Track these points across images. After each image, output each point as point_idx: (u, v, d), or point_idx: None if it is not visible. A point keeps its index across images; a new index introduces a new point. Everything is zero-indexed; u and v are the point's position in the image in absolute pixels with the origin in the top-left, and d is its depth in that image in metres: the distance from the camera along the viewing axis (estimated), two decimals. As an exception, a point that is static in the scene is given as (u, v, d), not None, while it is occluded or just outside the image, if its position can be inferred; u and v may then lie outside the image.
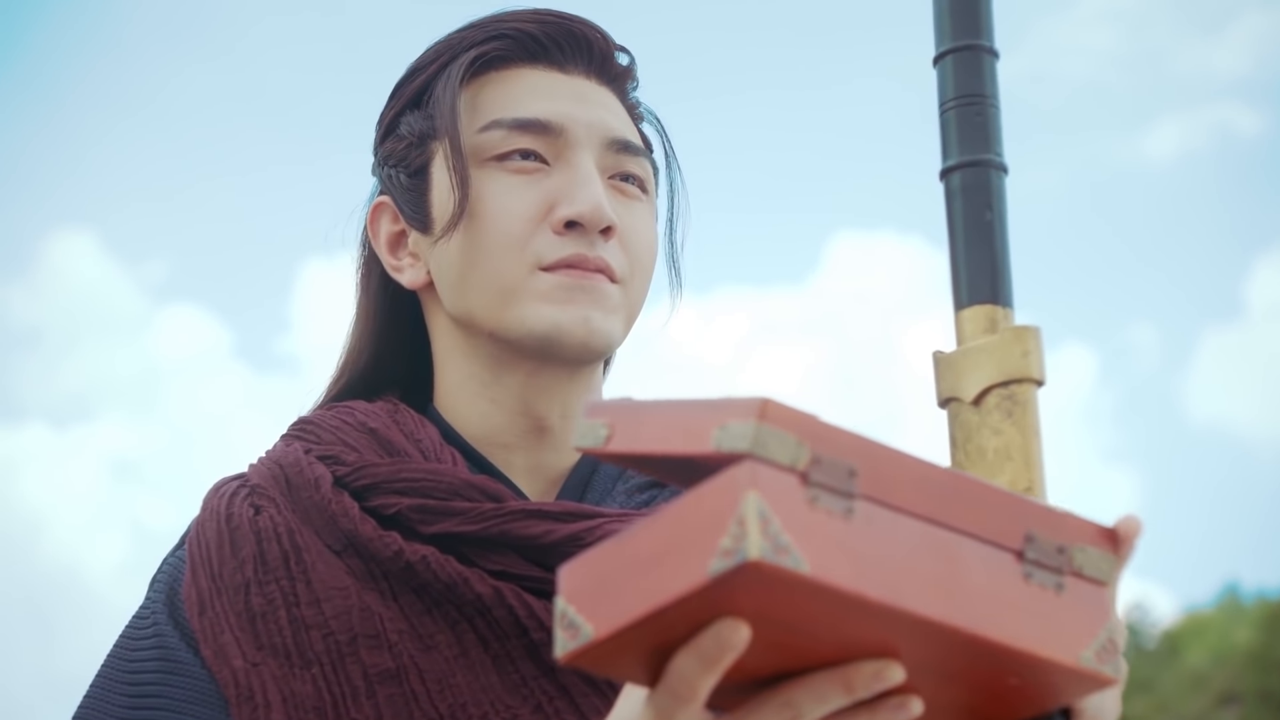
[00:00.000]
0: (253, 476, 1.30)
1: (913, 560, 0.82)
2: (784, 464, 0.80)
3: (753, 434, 0.79)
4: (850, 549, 0.80)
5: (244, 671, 1.19)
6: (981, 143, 1.08)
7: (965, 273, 1.07)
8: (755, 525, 0.77)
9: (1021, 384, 1.03)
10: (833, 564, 0.79)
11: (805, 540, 0.78)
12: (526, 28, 1.33)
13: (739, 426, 0.80)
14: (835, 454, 0.82)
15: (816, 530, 0.79)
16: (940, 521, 0.85)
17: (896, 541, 0.82)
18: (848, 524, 0.80)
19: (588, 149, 1.29)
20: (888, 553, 0.81)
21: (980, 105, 1.08)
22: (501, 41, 1.32)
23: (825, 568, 0.78)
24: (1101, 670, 0.88)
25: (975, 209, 1.08)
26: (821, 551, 0.79)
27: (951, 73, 1.09)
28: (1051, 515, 0.89)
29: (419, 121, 1.33)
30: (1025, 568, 0.87)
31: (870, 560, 0.80)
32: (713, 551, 0.78)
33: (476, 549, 1.22)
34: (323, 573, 1.21)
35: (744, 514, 0.77)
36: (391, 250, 1.35)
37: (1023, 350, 1.04)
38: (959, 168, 1.08)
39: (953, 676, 0.88)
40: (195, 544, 1.26)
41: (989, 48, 1.10)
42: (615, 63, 1.36)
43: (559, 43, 1.33)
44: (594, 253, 1.26)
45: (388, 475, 1.24)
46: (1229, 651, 29.26)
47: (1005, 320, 1.06)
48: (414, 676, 1.18)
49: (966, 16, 1.10)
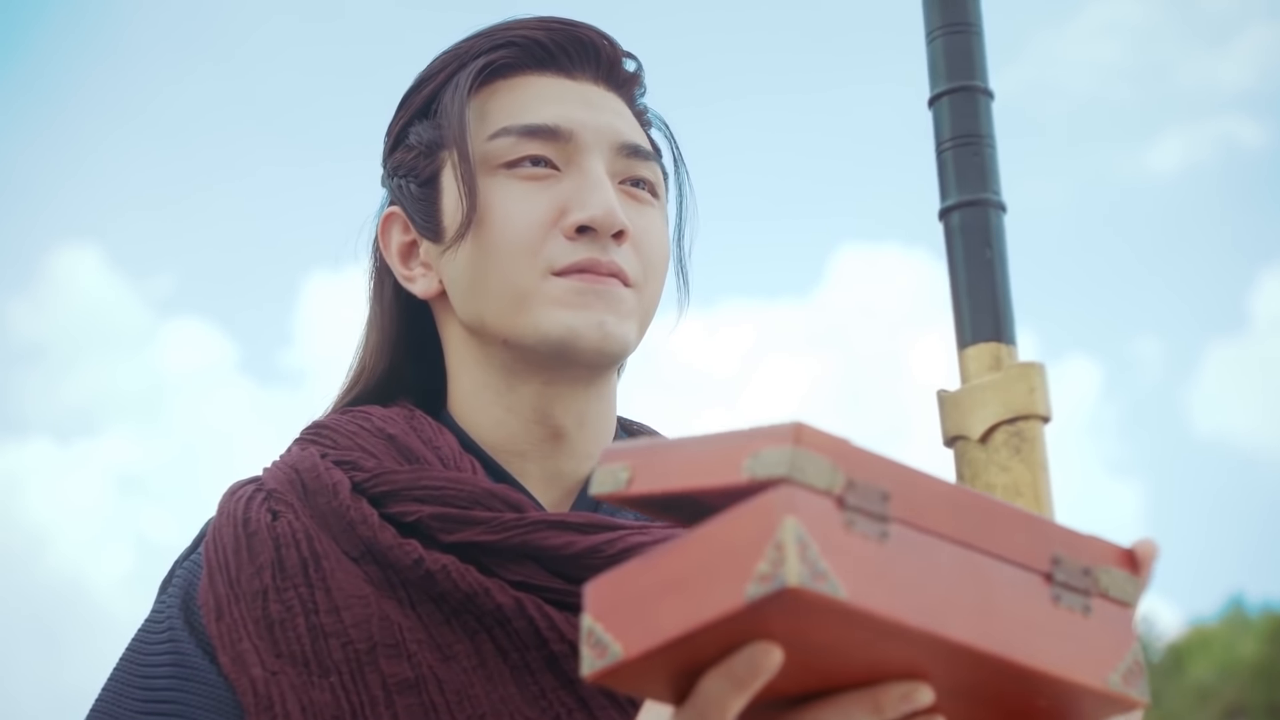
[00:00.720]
0: (268, 481, 1.29)
1: (946, 584, 0.82)
2: (820, 488, 0.79)
3: (789, 459, 0.79)
4: (885, 574, 0.80)
5: (263, 680, 1.18)
6: (979, 182, 1.09)
7: (968, 311, 1.08)
8: (794, 551, 0.77)
9: (1028, 420, 1.04)
10: (869, 590, 0.79)
11: (842, 565, 0.78)
12: (534, 35, 1.33)
13: (773, 453, 0.80)
14: (868, 478, 0.81)
15: (853, 555, 0.79)
16: (971, 544, 0.85)
17: (930, 565, 0.82)
18: (882, 548, 0.80)
19: (597, 154, 1.29)
20: (922, 577, 0.81)
21: (977, 145, 1.09)
22: (509, 50, 1.33)
23: (862, 594, 0.78)
24: (1129, 693, 0.88)
25: (975, 247, 1.08)
26: (858, 577, 0.78)
27: (948, 114, 1.10)
28: (1075, 537, 0.90)
29: (428, 131, 1.33)
30: (1054, 590, 0.87)
31: (905, 585, 0.80)
32: (749, 576, 0.78)
33: (496, 559, 1.21)
34: (341, 580, 1.21)
35: (782, 539, 0.77)
36: (403, 260, 1.34)
37: (1028, 387, 1.04)
38: (958, 207, 1.09)
39: (980, 698, 0.88)
40: (212, 548, 1.25)
41: (984, 88, 1.11)
42: (622, 69, 1.36)
43: (566, 49, 1.33)
44: (607, 257, 1.26)
45: (407, 482, 1.24)
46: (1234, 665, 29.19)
47: (1009, 357, 1.07)
48: (433, 687, 1.18)
49: (961, 59, 1.11)
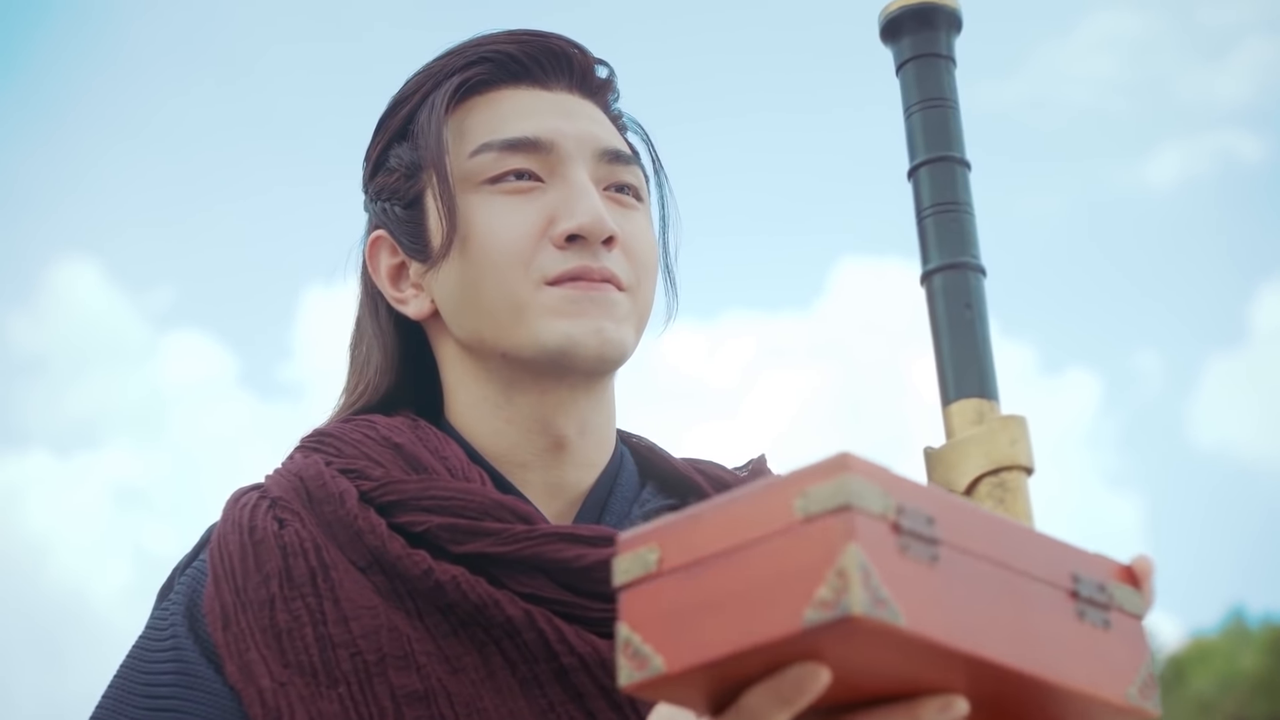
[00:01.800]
0: (272, 488, 1.28)
1: (988, 605, 0.85)
2: (876, 514, 0.81)
3: (847, 487, 0.80)
4: (938, 598, 0.82)
5: (271, 691, 1.17)
6: (959, 246, 1.13)
7: (951, 369, 1.12)
8: (857, 578, 0.78)
9: (1011, 471, 1.07)
10: (925, 615, 0.81)
11: (900, 591, 0.80)
12: (506, 49, 1.33)
13: (827, 486, 0.81)
14: (914, 502, 0.84)
15: (908, 580, 0.81)
16: (1007, 565, 0.88)
17: (975, 587, 0.85)
18: (934, 572, 0.83)
19: (580, 162, 1.30)
20: (969, 599, 0.84)
21: (955, 212, 1.14)
22: (482, 65, 1.33)
23: (919, 620, 0.81)
24: (1144, 706, 0.92)
25: (956, 308, 1.13)
26: (914, 602, 0.81)
27: (927, 183, 1.15)
28: (1083, 555, 0.93)
29: (407, 153, 1.33)
30: (1078, 606, 0.90)
31: (955, 609, 0.83)
32: (807, 600, 0.79)
33: (506, 571, 1.21)
34: (350, 590, 1.20)
35: (845, 566, 0.79)
36: (393, 283, 1.35)
37: (1010, 439, 1.07)
38: (939, 270, 1.14)
39: (1002, 710, 0.91)
40: (217, 555, 1.25)
41: (961, 159, 1.15)
42: (595, 76, 1.37)
43: (539, 61, 1.34)
44: (598, 263, 1.26)
45: (416, 492, 1.23)
46: (1236, 677, 29.08)
47: (992, 411, 1.10)
48: (442, 700, 1.17)
49: (938, 131, 1.15)
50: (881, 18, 1.18)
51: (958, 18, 1.17)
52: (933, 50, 1.16)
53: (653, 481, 1.39)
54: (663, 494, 1.38)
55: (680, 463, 1.41)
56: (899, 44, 1.17)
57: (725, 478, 1.40)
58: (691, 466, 1.41)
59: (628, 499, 1.34)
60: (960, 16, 1.17)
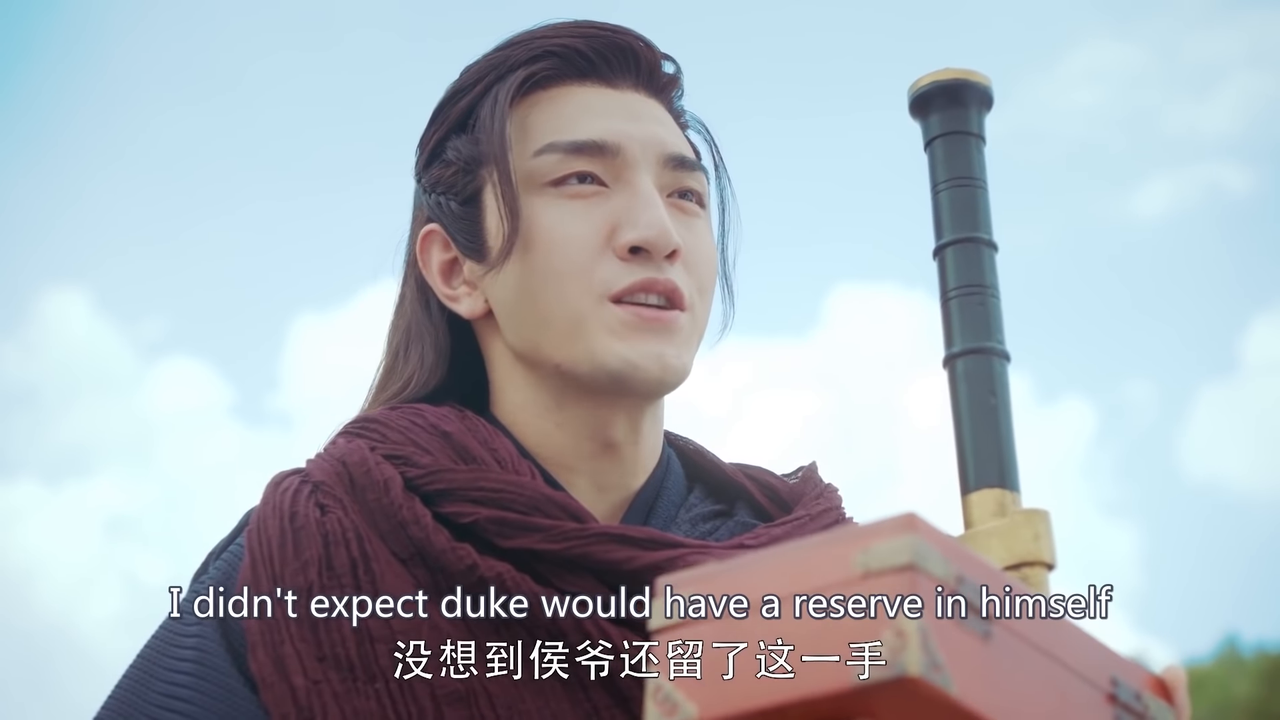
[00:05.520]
0: (314, 473, 1.24)
1: (1032, 690, 0.84)
2: (938, 578, 0.80)
3: (912, 547, 0.79)
4: (988, 674, 0.81)
5: (305, 690, 1.12)
6: (983, 331, 1.10)
7: (972, 457, 1.09)
8: (916, 638, 0.77)
9: (1033, 567, 1.04)
10: (974, 688, 0.80)
11: (954, 659, 0.79)
12: (573, 44, 1.29)
13: (891, 544, 0.80)
14: (973, 574, 0.82)
15: (962, 650, 0.80)
16: (1053, 655, 0.86)
17: (1023, 670, 0.83)
18: (985, 647, 0.81)
19: (645, 168, 1.26)
20: (1016, 681, 0.83)
21: (981, 295, 1.11)
22: (548, 60, 1.29)
23: (968, 691, 0.79)
24: None
25: (979, 395, 1.10)
26: (966, 673, 0.79)
27: (953, 264, 1.12)
28: (1122, 660, 0.92)
29: (466, 146, 1.29)
30: (1115, 711, 0.89)
31: (1002, 687, 0.82)
32: (861, 657, 0.78)
33: (553, 569, 1.17)
34: (391, 584, 1.16)
35: (904, 625, 0.77)
36: (445, 279, 1.31)
37: (1033, 534, 1.05)
38: (962, 355, 1.11)
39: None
40: (256, 539, 1.20)
41: (988, 240, 1.12)
42: (662, 72, 1.33)
43: (607, 57, 1.30)
44: (663, 276, 1.23)
45: (465, 482, 1.19)
46: (1229, 705, 29.10)
47: (1013, 504, 1.07)
48: (482, 700, 1.13)
49: (966, 211, 1.12)
50: (911, 92, 1.14)
51: (989, 95, 1.14)
52: (962, 128, 1.13)
53: (700, 485, 1.36)
54: (710, 498, 1.35)
55: (729, 467, 1.38)
56: (928, 120, 1.14)
57: (774, 484, 1.37)
58: (740, 471, 1.37)
59: (675, 502, 1.30)
60: (991, 94, 1.14)
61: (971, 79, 1.13)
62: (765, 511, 1.34)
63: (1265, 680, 28.62)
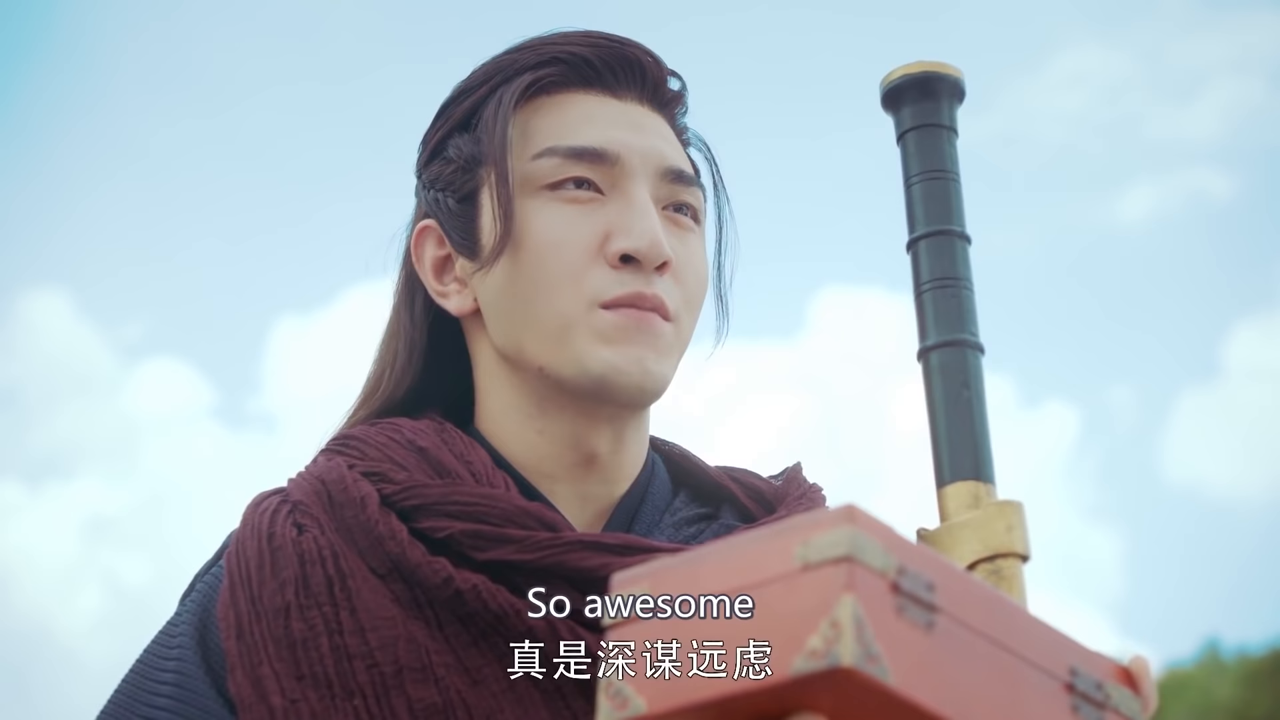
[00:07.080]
0: (294, 492, 1.25)
1: (981, 681, 0.84)
2: (876, 570, 0.80)
3: (850, 539, 0.79)
4: (930, 664, 0.81)
5: (282, 710, 1.13)
6: (957, 323, 1.11)
7: (946, 450, 1.09)
8: (851, 630, 0.77)
9: (1006, 558, 1.05)
10: (914, 678, 0.80)
11: (892, 650, 0.79)
12: (581, 52, 1.30)
13: (829, 535, 0.80)
14: (916, 566, 0.82)
15: (902, 641, 0.80)
16: (1004, 645, 0.86)
17: (969, 661, 0.83)
18: (928, 638, 0.81)
19: (643, 179, 1.27)
20: (961, 672, 0.83)
21: (955, 287, 1.11)
22: (555, 66, 1.30)
23: (908, 681, 0.79)
24: None
25: (953, 387, 1.10)
26: (905, 663, 0.79)
27: (925, 257, 1.12)
28: (1084, 651, 0.91)
29: (468, 145, 1.30)
30: (1073, 700, 0.89)
31: (947, 678, 0.82)
32: (798, 649, 0.78)
33: (529, 579, 1.17)
34: (368, 600, 1.17)
35: (839, 616, 0.78)
36: (437, 275, 1.32)
37: (1006, 525, 1.05)
38: (936, 347, 1.11)
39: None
40: (234, 561, 1.22)
41: (961, 233, 1.12)
42: (667, 88, 1.34)
43: (613, 68, 1.30)
44: (651, 290, 1.23)
45: (439, 497, 1.20)
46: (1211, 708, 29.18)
47: (987, 495, 1.08)
48: (461, 712, 1.14)
49: (939, 204, 1.12)
50: (883, 86, 1.15)
51: (960, 87, 1.14)
52: (934, 120, 1.13)
53: (686, 490, 1.36)
54: (696, 502, 1.35)
55: (714, 470, 1.38)
56: (900, 113, 1.14)
57: (759, 485, 1.37)
58: (725, 474, 1.38)
59: (659, 508, 1.31)
60: (963, 86, 1.14)
61: (942, 71, 1.13)
62: (750, 513, 1.34)
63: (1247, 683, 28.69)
